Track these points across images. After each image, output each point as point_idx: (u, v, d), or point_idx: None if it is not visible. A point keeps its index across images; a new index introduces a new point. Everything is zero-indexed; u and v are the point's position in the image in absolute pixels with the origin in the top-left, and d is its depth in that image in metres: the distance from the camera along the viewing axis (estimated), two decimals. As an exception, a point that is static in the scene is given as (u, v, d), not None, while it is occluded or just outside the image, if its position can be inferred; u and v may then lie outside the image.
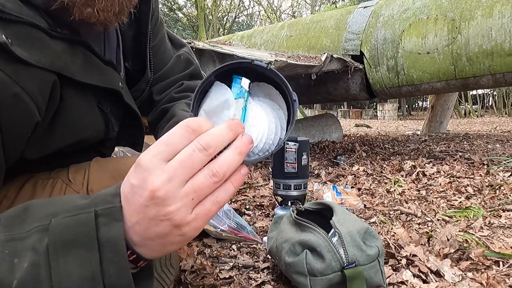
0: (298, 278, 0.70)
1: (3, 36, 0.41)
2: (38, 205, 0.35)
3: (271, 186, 1.66)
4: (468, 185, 1.70)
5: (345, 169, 2.32)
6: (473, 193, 1.59)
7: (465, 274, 0.85)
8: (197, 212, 0.32)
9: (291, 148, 1.38)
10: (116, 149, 0.77)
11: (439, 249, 0.96)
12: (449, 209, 1.41)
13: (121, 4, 0.52)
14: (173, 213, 0.31)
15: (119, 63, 0.69)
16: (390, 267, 0.90)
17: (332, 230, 0.75)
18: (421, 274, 0.85)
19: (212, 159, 0.33)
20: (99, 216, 0.32)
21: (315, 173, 2.24)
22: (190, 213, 0.32)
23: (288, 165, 1.32)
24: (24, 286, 0.30)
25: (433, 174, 2.01)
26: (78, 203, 0.34)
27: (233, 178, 0.34)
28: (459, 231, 1.11)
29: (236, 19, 20.82)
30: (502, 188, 1.60)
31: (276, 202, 1.48)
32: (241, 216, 1.32)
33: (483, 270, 0.88)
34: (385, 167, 2.30)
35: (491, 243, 1.02)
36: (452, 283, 0.81)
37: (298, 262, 0.69)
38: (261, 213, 1.50)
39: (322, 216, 0.86)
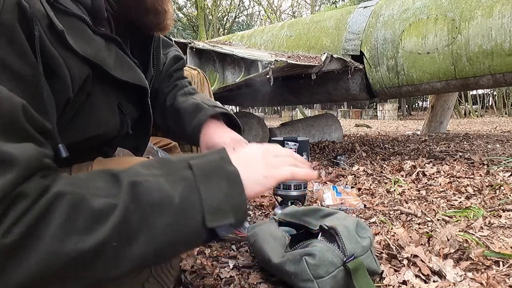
0: (306, 284, 0.72)
1: (60, 25, 0.48)
2: (171, 158, 0.50)
3: (271, 186, 1.66)
4: (468, 185, 1.69)
5: (345, 169, 2.31)
6: (473, 193, 1.59)
7: (465, 274, 0.85)
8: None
9: (291, 148, 1.38)
10: (118, 149, 0.78)
11: (439, 249, 0.96)
12: (449, 209, 1.41)
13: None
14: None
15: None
16: (391, 267, 0.90)
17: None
18: (421, 275, 0.85)
19: None
20: (222, 159, 0.48)
21: (315, 173, 2.24)
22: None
23: (288, 165, 1.32)
24: (184, 199, 0.43)
25: (433, 174, 2.01)
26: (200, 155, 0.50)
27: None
28: (459, 231, 1.11)
29: (236, 19, 20.81)
30: (502, 188, 1.60)
31: (276, 202, 1.48)
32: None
33: (483, 270, 0.88)
34: (385, 167, 2.30)
35: (491, 243, 1.02)
36: (452, 283, 0.81)
37: (302, 271, 0.72)
38: (261, 213, 1.50)
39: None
